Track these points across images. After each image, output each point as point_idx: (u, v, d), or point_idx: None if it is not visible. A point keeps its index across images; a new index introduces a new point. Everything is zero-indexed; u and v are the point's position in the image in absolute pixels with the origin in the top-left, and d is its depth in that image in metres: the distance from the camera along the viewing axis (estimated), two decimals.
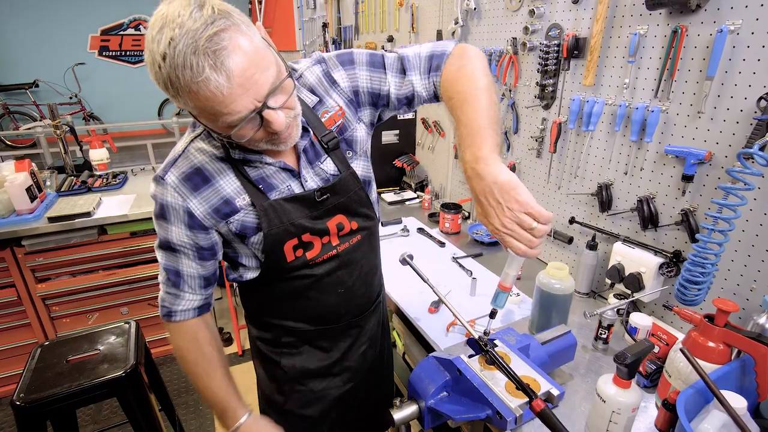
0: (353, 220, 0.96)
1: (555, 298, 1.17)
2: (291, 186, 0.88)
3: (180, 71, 0.62)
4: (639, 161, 1.25)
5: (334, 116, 0.91)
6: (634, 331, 1.16)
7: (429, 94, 0.93)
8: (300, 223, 0.88)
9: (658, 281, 1.22)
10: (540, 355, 0.99)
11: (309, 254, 0.92)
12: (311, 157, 0.89)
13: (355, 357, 1.10)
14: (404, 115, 2.39)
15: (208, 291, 0.95)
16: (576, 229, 1.50)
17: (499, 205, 0.71)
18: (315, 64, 0.92)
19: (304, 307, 1.00)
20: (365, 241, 1.01)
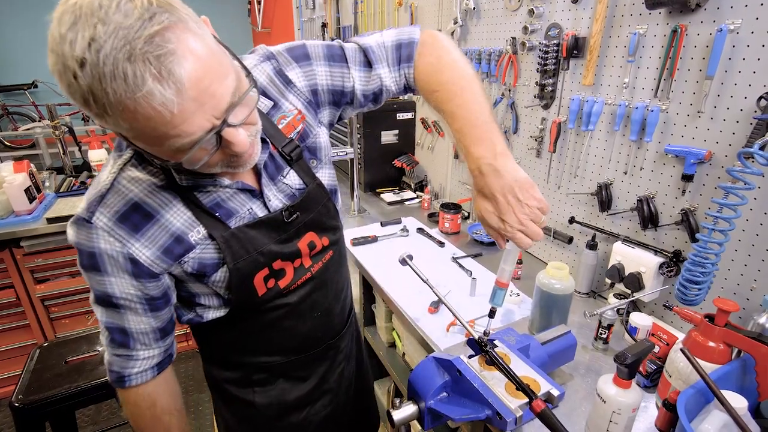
0: (324, 236, 0.88)
1: (555, 298, 1.17)
2: (253, 209, 0.77)
3: (109, 83, 0.47)
4: (639, 161, 1.24)
5: (293, 122, 0.80)
6: (634, 331, 1.16)
7: (399, 88, 0.86)
8: (269, 250, 0.78)
9: (658, 281, 1.22)
10: (540, 356, 0.99)
11: (282, 282, 0.82)
12: (272, 172, 0.78)
13: (333, 379, 1.04)
14: (403, 115, 2.39)
15: (168, 341, 0.82)
16: (576, 229, 1.50)
17: (518, 202, 0.70)
18: (263, 61, 0.79)
19: (277, 338, 0.90)
20: (336, 256, 0.93)
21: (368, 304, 1.89)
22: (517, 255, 0.78)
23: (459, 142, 0.75)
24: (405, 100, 2.45)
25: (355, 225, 2.03)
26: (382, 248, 1.79)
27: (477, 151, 0.72)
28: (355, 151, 2.05)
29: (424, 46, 0.83)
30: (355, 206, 2.16)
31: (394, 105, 2.36)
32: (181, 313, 0.84)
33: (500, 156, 0.72)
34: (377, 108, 0.93)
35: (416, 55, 0.83)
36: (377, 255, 1.73)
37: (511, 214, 0.70)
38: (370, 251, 1.77)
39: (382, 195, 2.37)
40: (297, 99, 0.81)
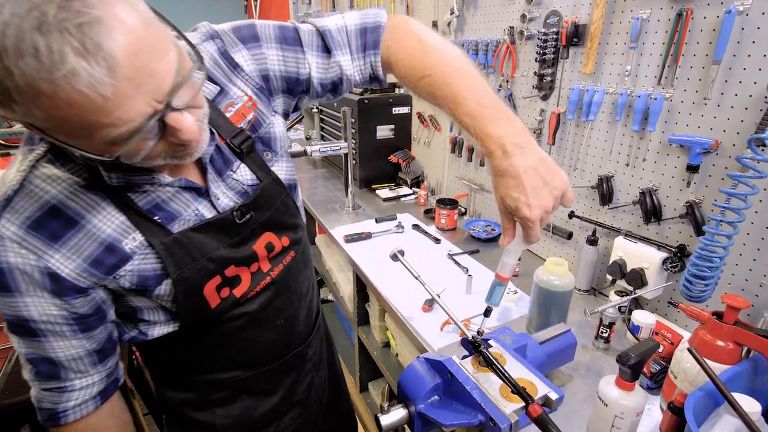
0: (284, 236, 0.80)
1: (554, 296, 1.11)
2: (199, 209, 0.68)
3: (13, 61, 0.38)
4: (641, 152, 1.19)
5: (243, 110, 0.72)
6: (637, 329, 1.11)
7: (364, 78, 0.78)
8: (220, 256, 0.69)
9: (662, 277, 1.16)
10: (538, 356, 0.93)
11: (237, 291, 0.74)
12: (220, 166, 0.70)
13: (302, 389, 0.96)
14: (399, 110, 2.34)
15: (109, 363, 0.70)
16: (576, 224, 1.44)
17: (546, 185, 0.64)
18: (206, 41, 0.70)
19: (237, 352, 0.82)
20: (299, 257, 0.86)
21: (362, 303, 1.83)
22: (521, 248, 0.73)
23: (472, 125, 0.67)
24: (401, 94, 2.39)
25: (349, 222, 1.98)
26: (376, 245, 1.74)
27: (498, 131, 0.65)
28: (349, 146, 2.00)
29: (397, 31, 0.75)
30: (350, 202, 2.10)
31: (390, 99, 2.31)
32: (122, 330, 0.73)
33: (522, 133, 0.66)
34: (337, 99, 0.86)
35: (389, 41, 0.75)
36: (371, 252, 1.68)
37: (535, 197, 0.63)
38: (363, 248, 1.71)
39: (377, 191, 2.31)
40: (246, 84, 0.73)
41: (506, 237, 0.70)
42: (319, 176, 2.71)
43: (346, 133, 2.00)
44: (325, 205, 2.19)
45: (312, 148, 1.92)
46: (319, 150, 1.93)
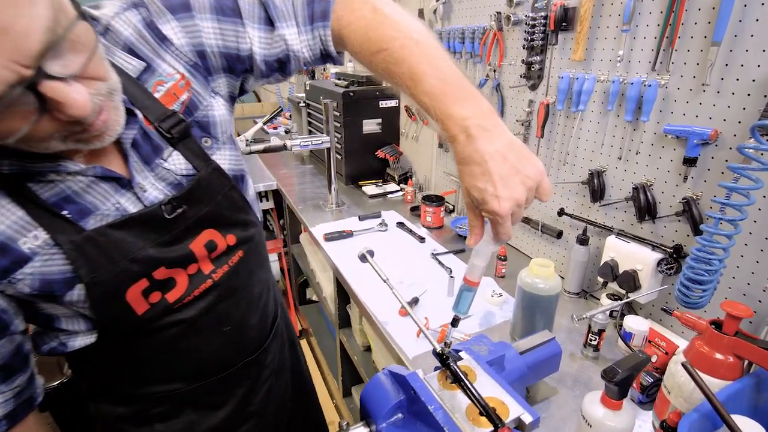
0: (229, 234, 0.71)
1: (539, 300, 1.03)
2: (121, 203, 0.60)
3: None
4: (635, 144, 1.10)
5: (175, 89, 0.64)
6: (629, 336, 1.02)
7: (314, 54, 0.69)
8: (146, 256, 0.61)
9: (657, 280, 1.08)
10: (517, 367, 0.84)
11: (171, 295, 0.66)
12: (147, 153, 0.62)
13: (258, 399, 0.87)
14: (386, 103, 2.25)
15: (17, 381, 0.61)
16: (566, 222, 1.35)
17: (517, 173, 0.55)
18: (129, 9, 0.61)
19: (176, 362, 0.73)
20: (250, 256, 0.77)
21: (343, 305, 1.75)
22: (492, 249, 0.64)
23: (432, 106, 0.58)
24: (387, 87, 2.30)
25: (332, 219, 1.89)
26: (357, 244, 1.65)
27: (461, 111, 0.56)
28: (332, 140, 1.91)
29: (350, 0, 0.66)
30: (333, 199, 2.01)
31: (377, 92, 2.22)
32: (40, 341, 0.65)
33: (489, 114, 0.57)
34: (287, 79, 0.77)
35: (340, 11, 0.66)
36: (352, 251, 1.59)
37: (507, 185, 0.54)
38: (344, 247, 1.63)
39: (363, 188, 2.22)
40: (177, 61, 0.64)
41: (473, 235, 0.61)
42: (307, 172, 2.62)
43: (328, 127, 1.91)
44: (310, 201, 2.10)
45: (292, 142, 1.84)
46: (300, 144, 1.84)
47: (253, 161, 2.85)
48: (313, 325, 2.56)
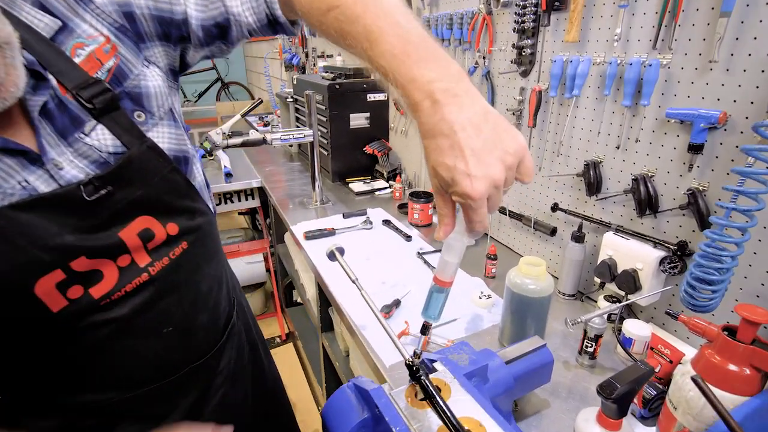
0: (170, 222, 0.63)
1: (529, 302, 0.93)
2: (29, 181, 0.52)
3: None
4: (634, 131, 1.00)
5: (99, 54, 0.56)
6: (629, 342, 0.92)
7: (259, 20, 0.62)
8: (60, 244, 0.53)
9: (659, 280, 0.98)
10: (503, 379, 0.75)
11: (96, 291, 0.57)
12: (63, 125, 0.54)
13: (210, 409, 0.77)
14: (374, 96, 2.15)
15: None
16: (560, 218, 1.26)
17: (493, 147, 0.45)
18: None
19: (107, 368, 0.64)
20: (197, 249, 0.68)
21: (325, 307, 1.65)
22: (465, 242, 0.54)
23: (392, 68, 0.48)
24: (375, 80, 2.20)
25: (315, 217, 1.79)
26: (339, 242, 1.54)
27: (425, 74, 0.46)
28: (315, 134, 1.81)
29: None
30: (317, 197, 1.92)
31: (364, 85, 2.12)
32: None
33: (459, 78, 0.47)
34: (231, 50, 0.69)
35: None
36: None
37: (481, 161, 0.44)
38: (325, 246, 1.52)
39: (350, 185, 2.13)
40: (99, 22, 0.57)
41: (442, 226, 0.52)
42: (294, 169, 2.53)
43: (311, 120, 1.81)
44: (295, 199, 2.00)
45: (272, 135, 1.74)
46: (280, 138, 1.74)
47: (238, 158, 2.75)
48: (299, 328, 2.46)
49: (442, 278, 0.56)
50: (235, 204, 2.45)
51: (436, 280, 0.57)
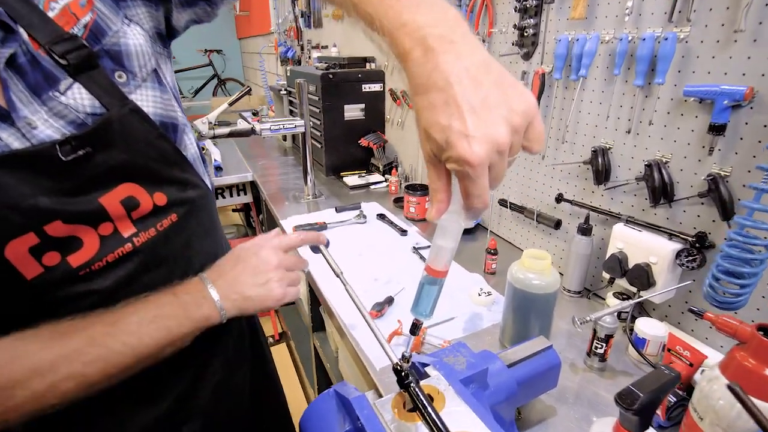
0: (158, 192, 0.58)
1: (533, 299, 0.85)
2: (1, 137, 0.47)
3: None
4: (647, 113, 0.92)
5: (74, 7, 0.51)
6: (642, 343, 0.84)
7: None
8: (33, 206, 0.48)
9: (674, 275, 0.90)
10: (505, 384, 0.66)
11: (75, 259, 0.53)
12: (35, 82, 0.49)
13: (205, 394, 0.72)
14: (370, 87, 2.07)
15: None
16: (565, 210, 1.18)
17: (496, 104, 0.36)
18: None
19: None
20: (189, 222, 0.64)
21: (316, 306, 1.56)
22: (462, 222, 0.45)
23: (378, 14, 0.41)
24: (372, 69, 2.12)
25: (306, 211, 1.71)
26: (330, 237, 1.47)
27: (417, 18, 0.39)
28: (307, 124, 1.73)
29: None
30: (309, 190, 1.83)
31: (359, 75, 2.04)
32: None
33: (457, 23, 0.39)
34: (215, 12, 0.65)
35: None
36: None
37: (481, 119, 0.36)
38: None
39: (345, 179, 2.04)
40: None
41: (435, 203, 0.43)
42: (288, 163, 2.45)
43: (302, 109, 1.73)
44: (285, 193, 1.92)
45: (261, 126, 1.65)
46: (270, 128, 1.65)
47: (231, 152, 2.67)
48: (293, 328, 2.38)
49: (436, 267, 0.48)
50: (227, 199, 2.37)
51: (429, 270, 0.49)
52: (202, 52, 6.61)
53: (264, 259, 0.67)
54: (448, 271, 0.49)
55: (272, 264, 0.67)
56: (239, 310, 0.63)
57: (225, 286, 0.62)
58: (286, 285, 0.68)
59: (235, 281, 0.64)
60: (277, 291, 0.66)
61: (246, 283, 0.64)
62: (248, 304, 0.64)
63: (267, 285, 0.65)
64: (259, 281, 0.65)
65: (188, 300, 0.59)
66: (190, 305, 0.59)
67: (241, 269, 0.65)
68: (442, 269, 0.48)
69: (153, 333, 0.55)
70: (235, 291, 0.63)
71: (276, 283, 0.66)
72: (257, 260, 0.67)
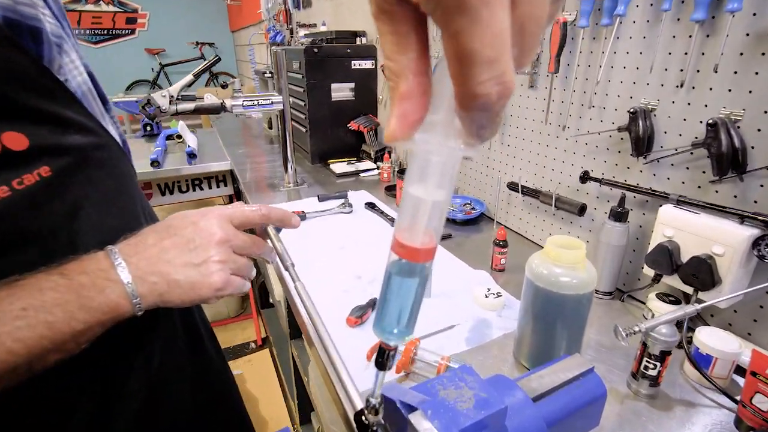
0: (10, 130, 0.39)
1: (562, 303, 0.63)
2: None
3: None
4: (709, 58, 0.70)
5: None
6: (707, 361, 0.62)
7: None
8: None
9: (747, 270, 0.68)
10: (531, 427, 0.45)
11: None
12: None
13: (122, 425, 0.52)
14: (360, 64, 1.85)
15: None
16: (591, 192, 0.96)
17: None
18: None
19: None
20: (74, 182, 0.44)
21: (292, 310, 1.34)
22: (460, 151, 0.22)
23: None
24: (362, 44, 1.91)
25: (286, 200, 1.49)
26: (310, 229, 1.25)
27: None
28: (286, 100, 1.51)
29: None
30: (290, 177, 1.62)
31: (348, 50, 1.82)
32: None
33: None
34: None
35: None
36: (302, 237, 1.19)
37: None
38: (292, 233, 1.22)
39: (331, 166, 1.82)
40: None
41: (401, 102, 0.20)
42: (274, 151, 2.23)
43: (280, 83, 1.51)
44: (264, 182, 1.70)
45: (233, 102, 1.43)
46: (242, 104, 1.43)
47: (212, 140, 2.46)
48: (275, 333, 2.16)
49: (410, 241, 0.26)
50: (204, 191, 2.15)
51: (398, 247, 0.26)
52: (193, 45, 6.40)
53: (204, 229, 0.47)
54: (435, 250, 0.27)
55: (214, 238, 0.46)
56: (160, 298, 0.43)
57: (142, 265, 0.43)
58: (229, 271, 0.47)
59: (158, 258, 0.44)
60: (216, 277, 0.46)
61: (173, 261, 0.44)
62: (173, 291, 0.44)
63: (203, 266, 0.45)
64: (193, 259, 0.45)
65: (84, 282, 0.39)
66: (87, 289, 0.39)
67: (170, 243, 0.45)
68: (424, 245, 0.26)
69: (21, 332, 0.36)
70: (156, 271, 0.43)
71: (216, 265, 0.46)
72: (194, 231, 0.46)
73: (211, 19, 6.46)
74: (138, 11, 6.22)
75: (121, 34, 6.23)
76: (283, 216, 0.56)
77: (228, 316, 2.53)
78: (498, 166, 1.23)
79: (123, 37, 6.23)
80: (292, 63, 1.88)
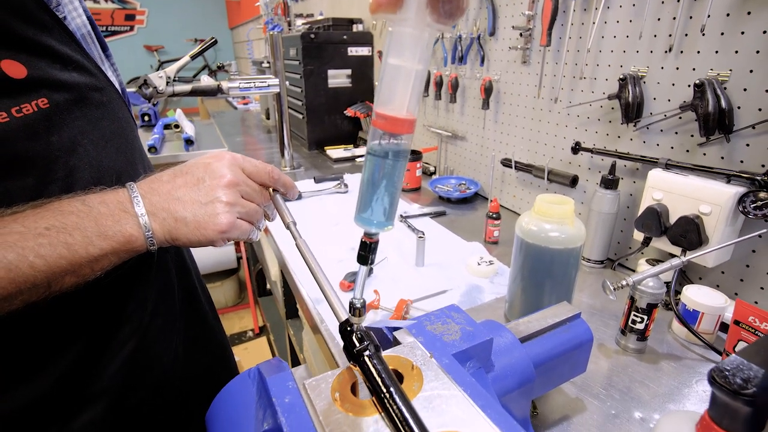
0: (8, 58, 0.39)
1: (551, 258, 0.64)
2: None
3: None
4: (696, 22, 0.71)
5: None
6: (693, 317, 0.64)
7: None
8: None
9: (734, 228, 0.69)
10: (517, 365, 0.46)
11: None
12: None
13: (113, 370, 0.52)
14: (357, 51, 1.86)
15: None
16: (582, 164, 0.97)
17: None
18: None
19: None
20: (73, 117, 0.45)
21: (289, 288, 1.35)
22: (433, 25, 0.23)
23: None
24: (360, 31, 1.92)
25: None
26: (306, 208, 1.26)
27: None
28: (282, 83, 1.52)
29: None
30: (287, 162, 1.63)
31: (344, 36, 1.83)
32: None
33: None
34: None
35: None
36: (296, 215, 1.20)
37: None
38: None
39: (328, 152, 1.83)
40: None
41: None
42: (272, 140, 2.25)
43: (276, 66, 1.52)
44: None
45: (230, 84, 1.44)
46: (239, 86, 1.44)
47: (209, 129, 2.47)
48: (272, 320, 2.17)
49: (391, 111, 0.26)
50: None
51: (380, 120, 0.27)
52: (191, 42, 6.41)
53: (215, 170, 0.47)
54: (414, 123, 0.27)
55: (223, 180, 0.47)
56: (168, 235, 0.44)
57: (155, 200, 0.44)
58: (236, 214, 0.47)
59: (169, 195, 0.45)
60: (223, 218, 0.45)
61: (182, 198, 0.45)
62: (180, 229, 0.44)
63: (210, 206, 0.45)
64: (201, 198, 0.45)
65: (103, 212, 0.41)
66: (105, 218, 0.41)
67: (182, 182, 0.46)
68: (402, 114, 0.26)
69: (43, 249, 0.37)
70: (166, 207, 0.44)
71: (223, 206, 0.46)
72: (205, 171, 0.47)
73: (210, 16, 6.46)
74: (137, 8, 6.22)
75: (120, 31, 6.23)
76: (288, 182, 0.57)
77: (226, 305, 2.54)
78: (492, 145, 1.24)
79: (122, 33, 6.23)
80: (290, 50, 1.89)
